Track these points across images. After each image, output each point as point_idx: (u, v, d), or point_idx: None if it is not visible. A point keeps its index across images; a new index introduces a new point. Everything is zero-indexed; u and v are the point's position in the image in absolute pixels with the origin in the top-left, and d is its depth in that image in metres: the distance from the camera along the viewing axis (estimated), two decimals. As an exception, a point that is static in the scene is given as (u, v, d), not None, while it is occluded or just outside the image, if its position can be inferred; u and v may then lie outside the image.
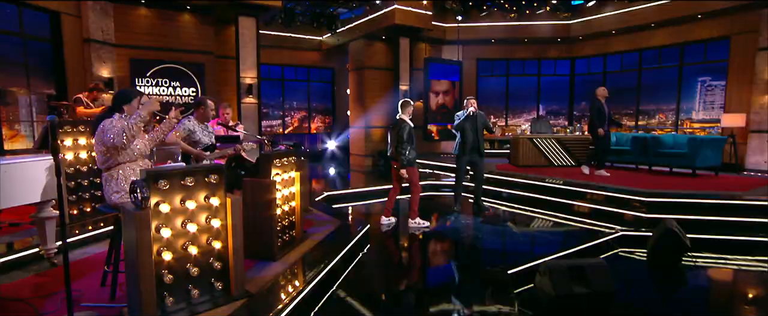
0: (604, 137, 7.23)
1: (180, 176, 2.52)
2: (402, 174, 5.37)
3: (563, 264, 3.30)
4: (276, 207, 3.67)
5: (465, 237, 5.25)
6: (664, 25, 9.61)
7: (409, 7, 10.33)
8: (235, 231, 2.75)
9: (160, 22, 8.38)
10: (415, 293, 3.73)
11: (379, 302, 3.51)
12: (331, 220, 5.16)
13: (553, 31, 11.58)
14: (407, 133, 5.29)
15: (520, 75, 12.67)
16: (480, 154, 6.17)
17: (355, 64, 12.29)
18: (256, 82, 8.91)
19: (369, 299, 3.53)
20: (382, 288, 3.82)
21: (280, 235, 3.82)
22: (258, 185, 3.61)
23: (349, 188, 7.80)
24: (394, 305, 3.47)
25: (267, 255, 3.61)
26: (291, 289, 3.02)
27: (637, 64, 10.59)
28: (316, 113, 15.46)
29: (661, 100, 10.23)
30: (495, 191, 7.55)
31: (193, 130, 4.08)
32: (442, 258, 4.65)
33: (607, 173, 7.54)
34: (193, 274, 2.58)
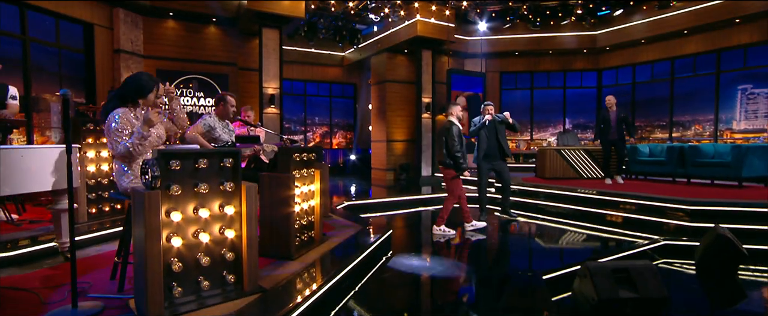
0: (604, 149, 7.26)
1: (193, 157, 2.39)
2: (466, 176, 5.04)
3: (606, 266, 2.98)
4: (294, 204, 3.49)
5: (493, 245, 4.93)
6: (698, 31, 9.23)
7: (432, 19, 10.29)
8: (249, 220, 2.57)
9: (187, 34, 8.58)
10: (440, 298, 3.44)
11: (402, 308, 3.24)
12: (352, 225, 4.95)
13: (579, 42, 11.31)
14: (457, 134, 5.02)
15: (544, 88, 12.37)
16: (503, 158, 5.90)
17: (376, 78, 12.27)
18: (278, 92, 8.93)
19: (391, 305, 3.27)
20: (405, 293, 3.55)
21: (299, 234, 3.63)
22: (276, 180, 3.45)
23: (372, 199, 7.60)
24: (418, 312, 3.20)
25: (284, 254, 3.42)
26: (308, 288, 2.81)
27: (669, 73, 10.15)
28: (337, 129, 15.45)
29: (696, 110, 9.73)
30: (522, 203, 7.19)
31: (213, 126, 4.00)
32: (470, 265, 4.35)
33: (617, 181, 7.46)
34: (204, 264, 2.41)
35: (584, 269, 3.00)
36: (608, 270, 2.95)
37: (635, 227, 5.39)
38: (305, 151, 3.79)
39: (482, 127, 5.80)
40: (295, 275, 3.01)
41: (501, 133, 5.86)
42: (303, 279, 2.97)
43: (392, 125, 11.67)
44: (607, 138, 7.21)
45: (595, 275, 2.91)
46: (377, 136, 12.16)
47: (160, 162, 2.25)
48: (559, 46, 11.48)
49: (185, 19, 8.49)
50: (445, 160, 5.08)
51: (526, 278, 3.59)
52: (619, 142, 7.24)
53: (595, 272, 2.93)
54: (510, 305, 3.20)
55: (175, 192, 2.30)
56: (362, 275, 3.63)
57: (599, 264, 3.01)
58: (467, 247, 4.92)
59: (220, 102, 4.14)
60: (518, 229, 5.64)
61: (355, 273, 3.56)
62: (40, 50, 6.72)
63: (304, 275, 3.05)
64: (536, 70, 12.24)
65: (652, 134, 10.59)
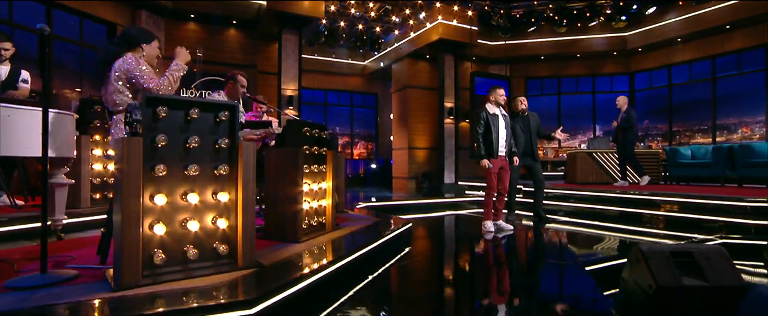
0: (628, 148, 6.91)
1: (185, 106, 2.11)
2: (483, 164, 4.58)
3: (663, 249, 2.51)
4: (303, 182, 3.18)
5: (526, 242, 4.45)
6: (742, 25, 8.59)
7: (454, 22, 10.05)
8: (246, 184, 2.26)
9: (207, 36, 8.60)
10: (464, 289, 3.01)
11: (417, 299, 2.83)
12: (369, 217, 4.59)
13: (608, 44, 10.81)
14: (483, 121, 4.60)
15: (572, 93, 11.83)
16: (534, 158, 5.48)
17: (398, 85, 12.04)
18: (297, 94, 8.78)
19: (407, 296, 2.87)
20: (423, 286, 3.14)
21: (308, 218, 3.30)
22: (283, 155, 3.15)
23: (392, 201, 7.23)
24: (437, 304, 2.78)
25: (290, 236, 3.08)
26: (309, 267, 2.44)
27: (711, 72, 9.49)
28: (358, 139, 15.24)
29: (743, 111, 8.99)
30: (552, 206, 6.67)
31: (220, 105, 3.75)
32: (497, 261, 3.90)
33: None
34: (192, 230, 2.10)
35: (636, 253, 2.54)
36: (666, 254, 2.48)
37: (684, 227, 4.82)
38: (317, 127, 3.48)
39: (517, 119, 5.44)
40: (298, 256, 2.66)
41: (533, 133, 5.49)
42: (306, 259, 2.62)
43: (414, 132, 11.34)
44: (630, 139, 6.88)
45: (652, 259, 2.45)
46: (398, 144, 11.84)
47: (145, 108, 1.98)
48: (587, 49, 10.99)
49: (206, 21, 8.53)
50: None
51: (565, 268, 3.12)
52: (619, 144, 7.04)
53: (650, 255, 2.47)
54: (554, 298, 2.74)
55: (161, 142, 2.02)
56: (377, 265, 3.25)
57: (655, 247, 2.54)
58: (498, 245, 4.46)
59: (230, 81, 3.91)
60: (553, 231, 5.12)
61: (369, 261, 3.18)
62: (64, 48, 6.78)
63: (308, 256, 2.69)
64: (563, 74, 11.75)
65: (692, 140, 9.86)
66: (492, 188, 4.64)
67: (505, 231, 4.73)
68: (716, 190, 6.10)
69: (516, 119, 5.38)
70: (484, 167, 4.57)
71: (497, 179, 4.67)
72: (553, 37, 11.13)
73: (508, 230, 4.76)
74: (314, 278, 2.29)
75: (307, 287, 2.22)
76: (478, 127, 4.60)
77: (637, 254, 2.53)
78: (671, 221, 5.16)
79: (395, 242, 3.86)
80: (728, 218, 4.73)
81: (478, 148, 4.58)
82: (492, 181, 4.62)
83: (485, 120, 4.60)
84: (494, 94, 4.86)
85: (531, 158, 5.50)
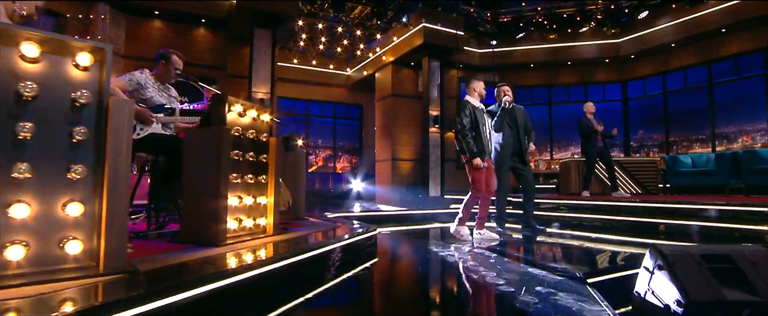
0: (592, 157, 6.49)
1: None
2: (476, 164, 3.99)
3: (692, 252, 1.88)
4: (231, 172, 2.53)
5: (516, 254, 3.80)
6: (738, 28, 8.24)
7: (439, 26, 9.61)
8: (116, 153, 1.61)
9: (174, 35, 8.04)
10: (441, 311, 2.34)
11: None
12: (328, 224, 3.91)
13: (600, 51, 10.43)
14: (467, 115, 4.05)
15: (564, 103, 11.38)
16: (523, 160, 4.76)
17: (381, 94, 11.53)
18: (269, 97, 8.17)
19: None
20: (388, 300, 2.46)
21: (239, 218, 2.63)
22: (203, 138, 2.51)
23: (369, 212, 6.56)
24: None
25: (208, 239, 2.40)
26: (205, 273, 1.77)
27: (707, 78, 9.09)
28: (342, 152, 14.61)
29: (743, 119, 8.55)
30: (545, 217, 6.05)
31: (143, 85, 3.12)
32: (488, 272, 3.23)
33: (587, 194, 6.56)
34: (20, 217, 1.43)
35: (656, 257, 1.90)
36: (698, 258, 1.85)
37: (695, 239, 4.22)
38: (257, 107, 2.85)
39: (504, 114, 4.68)
40: (203, 261, 1.98)
41: (522, 131, 4.76)
42: (208, 266, 1.93)
43: (398, 142, 10.75)
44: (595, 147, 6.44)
45: (678, 265, 1.82)
46: (382, 155, 11.23)
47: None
48: (578, 56, 10.61)
49: (172, 19, 7.98)
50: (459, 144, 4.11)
51: (562, 283, 2.47)
52: (606, 152, 6.51)
53: (676, 260, 1.84)
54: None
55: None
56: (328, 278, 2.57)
57: (681, 249, 1.91)
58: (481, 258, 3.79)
59: (161, 60, 3.30)
60: (547, 243, 4.47)
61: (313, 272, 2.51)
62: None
63: (216, 262, 2.01)
64: (554, 83, 11.33)
65: (690, 150, 9.38)
66: (480, 189, 4.05)
67: (489, 242, 4.08)
68: (724, 199, 5.53)
69: (500, 114, 4.74)
70: (476, 167, 3.98)
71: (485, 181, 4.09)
72: (543, 44, 10.76)
73: (493, 241, 4.12)
74: (201, 289, 1.61)
75: (190, 299, 1.54)
76: (464, 121, 4.01)
77: (657, 258, 1.90)
78: (679, 231, 4.55)
79: (355, 252, 3.19)
80: (742, 224, 4.15)
81: (467, 145, 3.98)
82: (481, 181, 4.04)
83: (472, 113, 4.04)
84: (477, 87, 4.32)
85: (519, 160, 4.76)
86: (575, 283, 2.41)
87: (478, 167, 3.99)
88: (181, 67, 3.25)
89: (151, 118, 3.02)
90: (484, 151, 4.08)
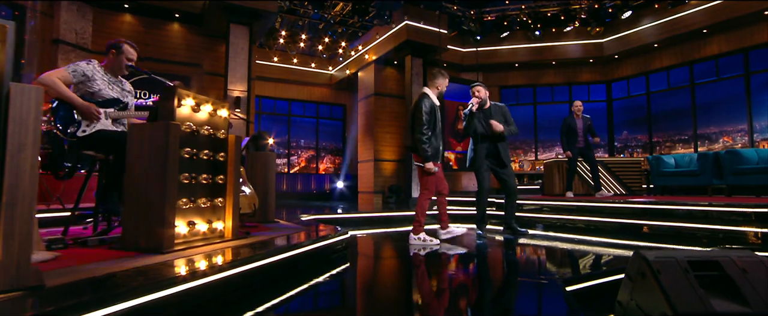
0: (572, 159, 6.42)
1: None
2: (428, 169, 3.82)
3: (678, 258, 1.72)
4: (179, 171, 2.30)
5: (491, 259, 3.63)
6: (719, 29, 8.26)
7: (421, 24, 9.46)
8: (16, 153, 1.38)
9: (145, 30, 7.73)
10: None
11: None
12: (298, 227, 3.69)
13: (584, 50, 10.41)
14: (428, 112, 3.84)
15: (548, 103, 11.34)
16: (502, 163, 4.54)
17: (364, 93, 11.33)
18: (246, 96, 7.90)
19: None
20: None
21: (191, 221, 2.41)
22: (149, 133, 2.27)
23: (348, 214, 6.34)
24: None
25: (153, 245, 2.17)
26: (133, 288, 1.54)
27: (689, 79, 9.11)
28: (325, 153, 14.37)
29: (724, 120, 8.58)
30: (527, 218, 5.92)
31: (90, 76, 2.86)
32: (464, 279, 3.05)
33: (571, 195, 6.53)
34: None
35: (640, 264, 1.74)
36: (684, 264, 1.69)
37: (677, 239, 4.12)
38: (213, 102, 2.62)
39: (471, 117, 4.53)
40: (136, 272, 1.75)
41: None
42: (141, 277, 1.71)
43: (380, 143, 10.56)
44: (576, 148, 6.39)
45: (664, 273, 1.65)
46: (364, 156, 11.02)
47: None
48: (562, 56, 10.57)
49: (144, 13, 7.66)
50: (413, 142, 3.89)
51: (538, 288, 2.30)
52: (588, 151, 6.44)
53: (661, 267, 1.68)
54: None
55: None
56: (291, 284, 2.36)
57: (666, 255, 1.75)
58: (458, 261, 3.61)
59: (112, 50, 3.04)
60: (527, 246, 4.31)
61: (273, 285, 2.29)
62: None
63: (153, 273, 1.78)
64: (539, 83, 11.27)
65: (672, 151, 9.40)
66: (431, 190, 3.91)
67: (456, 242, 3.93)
68: (707, 199, 5.47)
69: (468, 117, 4.54)
70: (429, 171, 3.82)
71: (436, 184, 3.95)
72: (528, 44, 10.69)
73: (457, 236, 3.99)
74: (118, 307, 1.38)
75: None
76: (424, 118, 3.79)
77: (640, 265, 1.74)
78: (663, 233, 4.45)
79: (323, 258, 2.99)
80: (727, 226, 4.05)
81: (421, 146, 3.78)
82: (432, 184, 3.89)
83: (431, 111, 3.84)
84: (442, 84, 4.12)
85: (496, 162, 4.54)
86: (554, 290, 2.24)
87: (430, 172, 3.83)
88: (134, 57, 3.00)
89: (97, 114, 2.77)
90: (437, 154, 3.91)
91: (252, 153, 4.30)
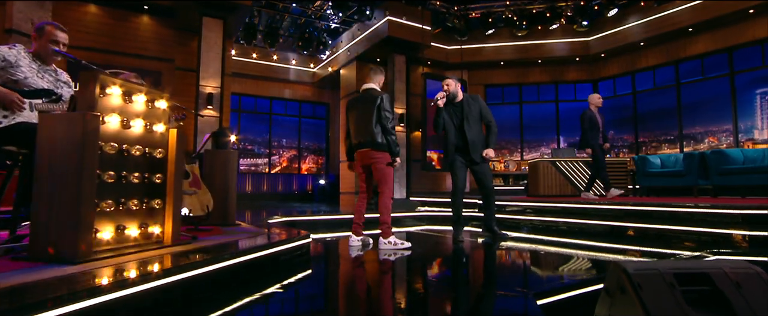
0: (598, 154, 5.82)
1: None
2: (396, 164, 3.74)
3: (662, 270, 1.50)
4: (98, 165, 2.02)
5: (466, 264, 3.40)
6: (705, 28, 8.18)
7: (404, 19, 9.22)
8: None
9: (112, 22, 7.34)
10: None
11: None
12: (256, 231, 3.41)
13: (570, 49, 10.28)
14: (391, 107, 3.75)
15: (534, 102, 11.20)
16: (472, 159, 4.21)
17: (346, 91, 11.05)
18: (219, 92, 7.58)
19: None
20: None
21: (120, 226, 2.12)
22: (61, 123, 1.98)
23: (320, 215, 6.05)
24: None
25: (67, 253, 1.88)
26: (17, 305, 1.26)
27: (674, 78, 9.03)
28: (307, 153, 14.05)
29: (709, 120, 8.50)
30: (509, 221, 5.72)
31: (13, 62, 2.55)
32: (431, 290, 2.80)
33: (595, 197, 6.03)
34: None
35: (619, 277, 1.51)
36: (669, 278, 1.46)
37: (662, 242, 3.94)
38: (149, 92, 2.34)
39: (438, 114, 4.26)
40: (12, 291, 1.46)
41: (472, 125, 4.22)
42: (16, 297, 1.42)
43: (363, 142, 10.28)
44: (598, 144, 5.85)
45: (646, 287, 1.42)
46: (345, 156, 10.74)
47: None
48: (548, 54, 10.43)
49: (109, 4, 7.28)
50: (376, 139, 3.69)
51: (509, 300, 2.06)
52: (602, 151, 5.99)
53: (643, 280, 1.45)
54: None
55: None
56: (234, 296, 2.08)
57: (648, 266, 1.52)
58: (429, 265, 3.37)
59: (35, 33, 2.74)
60: (504, 250, 4.09)
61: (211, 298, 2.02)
62: None
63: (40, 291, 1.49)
64: (525, 82, 11.12)
65: (658, 151, 9.31)
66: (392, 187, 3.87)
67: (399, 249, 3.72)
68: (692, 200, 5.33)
69: (436, 112, 4.29)
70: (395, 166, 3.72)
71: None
72: (513, 42, 10.53)
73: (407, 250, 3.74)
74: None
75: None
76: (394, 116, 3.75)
77: (619, 278, 1.51)
78: (646, 236, 4.27)
79: (284, 264, 2.72)
80: (714, 228, 3.89)
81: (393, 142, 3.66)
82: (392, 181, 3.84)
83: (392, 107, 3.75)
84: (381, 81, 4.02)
85: (466, 158, 4.22)
86: (524, 304, 2.01)
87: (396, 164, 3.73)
88: (59, 40, 2.67)
89: (19, 104, 2.46)
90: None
91: (211, 151, 4.01)
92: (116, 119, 2.18)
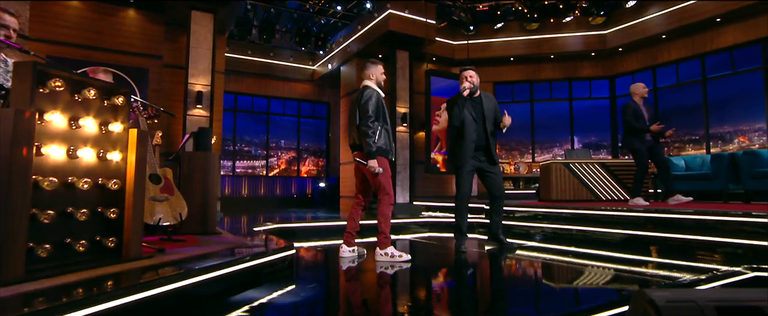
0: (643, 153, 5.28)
1: None
2: (372, 168, 3.43)
3: (702, 298, 1.25)
4: (31, 169, 1.81)
5: (468, 279, 3.16)
6: (734, 18, 7.84)
7: (406, 13, 9.00)
8: None
9: (96, 16, 7.22)
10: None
11: None
12: (235, 241, 3.19)
13: (585, 43, 9.98)
14: (374, 103, 3.50)
15: (547, 100, 10.91)
16: (491, 160, 4.12)
17: (347, 89, 10.86)
18: (209, 90, 7.41)
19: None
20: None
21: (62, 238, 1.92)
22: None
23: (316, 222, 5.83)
24: None
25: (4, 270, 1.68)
26: None
27: (701, 73, 8.69)
28: (307, 154, 13.88)
29: (738, 118, 8.16)
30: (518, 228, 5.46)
31: (-46, 54, 2.36)
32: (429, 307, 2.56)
33: (645, 203, 5.44)
34: None
35: (643, 306, 1.27)
36: (710, 311, 1.21)
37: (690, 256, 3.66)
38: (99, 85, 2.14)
39: (463, 103, 4.05)
40: None
41: (489, 122, 4.11)
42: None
43: (364, 143, 10.06)
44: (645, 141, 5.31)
45: (679, 323, 1.18)
46: (346, 158, 10.54)
47: None
48: (561, 49, 10.13)
49: (93, -3, 7.15)
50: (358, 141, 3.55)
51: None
52: (658, 148, 5.41)
53: (673, 312, 1.20)
54: None
55: None
56: None
57: (682, 297, 1.27)
58: (425, 279, 3.13)
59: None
60: (512, 261, 3.84)
61: None
62: None
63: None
64: (536, 79, 10.83)
65: (682, 152, 8.97)
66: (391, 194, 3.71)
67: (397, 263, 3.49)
68: (721, 206, 5.03)
69: (459, 102, 4.11)
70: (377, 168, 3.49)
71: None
72: (524, 36, 10.25)
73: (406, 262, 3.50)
74: None
75: None
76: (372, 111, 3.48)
77: (646, 310, 1.26)
78: (670, 247, 3.99)
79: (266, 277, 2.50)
80: (748, 240, 3.60)
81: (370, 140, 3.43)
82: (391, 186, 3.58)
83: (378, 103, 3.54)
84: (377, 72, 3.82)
85: (487, 159, 4.09)
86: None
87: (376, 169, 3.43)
88: (9, 25, 2.48)
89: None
90: (390, 150, 3.61)
91: (189, 153, 3.81)
92: (60, 118, 1.98)
